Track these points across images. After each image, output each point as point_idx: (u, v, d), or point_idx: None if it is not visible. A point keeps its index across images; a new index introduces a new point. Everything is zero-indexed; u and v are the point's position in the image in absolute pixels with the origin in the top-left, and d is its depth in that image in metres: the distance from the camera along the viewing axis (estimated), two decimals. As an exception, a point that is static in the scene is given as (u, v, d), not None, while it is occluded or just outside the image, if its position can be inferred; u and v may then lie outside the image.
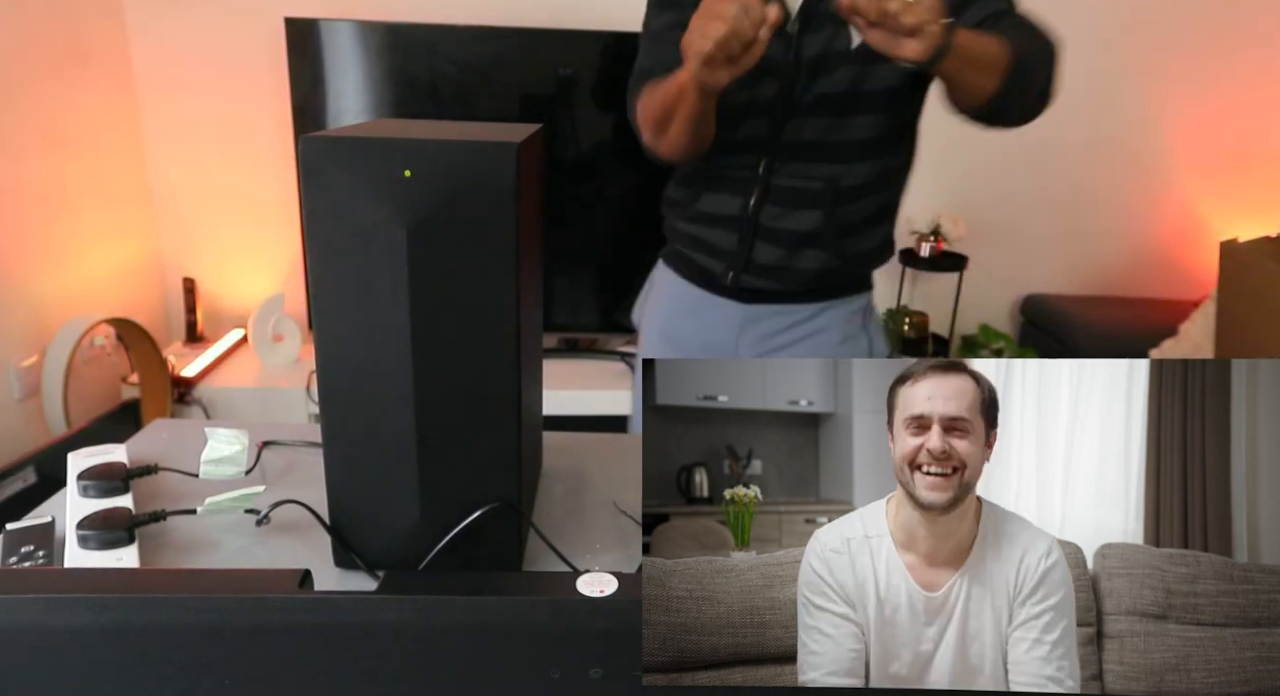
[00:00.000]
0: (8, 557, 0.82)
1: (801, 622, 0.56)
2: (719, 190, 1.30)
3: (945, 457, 0.55)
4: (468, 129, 0.80)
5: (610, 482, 1.06)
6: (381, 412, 0.77)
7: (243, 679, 0.46)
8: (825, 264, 1.30)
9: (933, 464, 0.55)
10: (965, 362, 0.57)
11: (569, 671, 0.47)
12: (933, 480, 0.55)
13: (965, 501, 0.57)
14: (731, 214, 1.29)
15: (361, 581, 0.82)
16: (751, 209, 1.27)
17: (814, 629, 0.56)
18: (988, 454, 0.57)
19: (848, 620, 0.55)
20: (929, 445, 0.55)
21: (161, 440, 1.11)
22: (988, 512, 0.58)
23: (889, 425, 0.57)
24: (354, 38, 2.40)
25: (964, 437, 0.55)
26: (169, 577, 0.56)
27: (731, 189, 1.29)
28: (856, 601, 0.55)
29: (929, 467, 0.55)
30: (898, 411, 0.56)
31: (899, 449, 0.56)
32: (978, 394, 0.55)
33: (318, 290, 0.74)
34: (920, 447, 0.55)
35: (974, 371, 0.57)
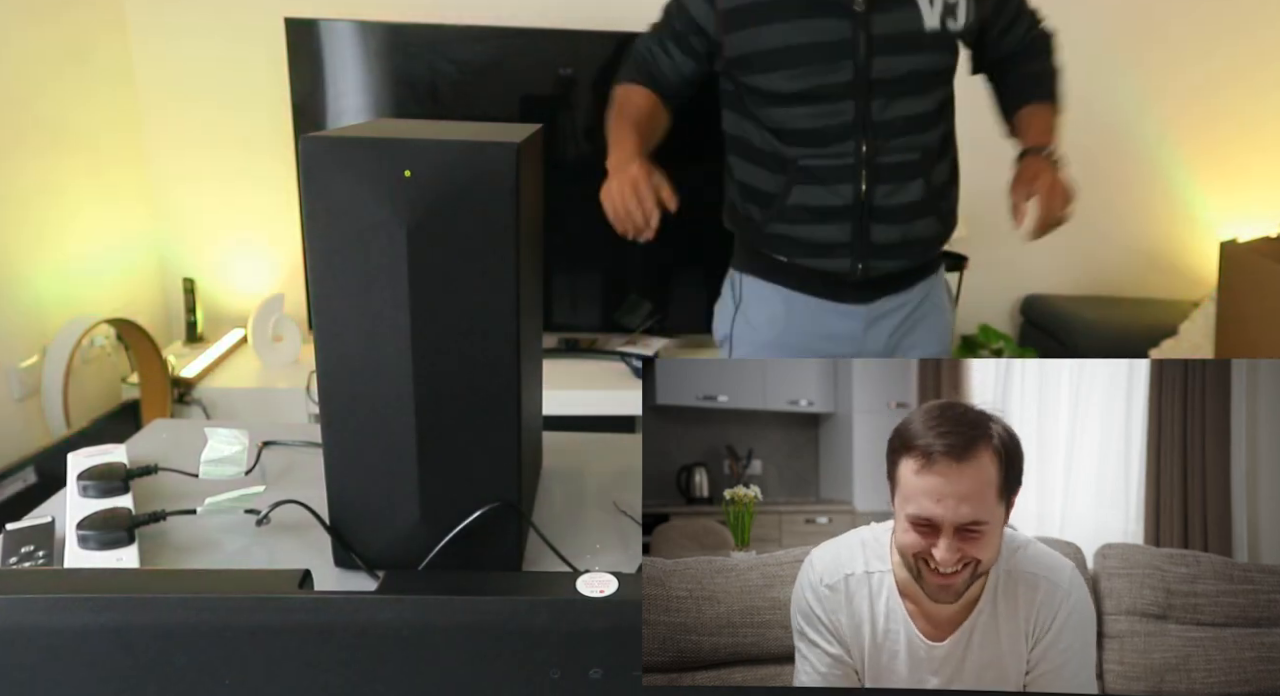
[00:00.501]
0: (8, 557, 0.82)
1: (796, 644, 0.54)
2: (816, 181, 1.28)
3: (956, 563, 0.47)
4: (468, 129, 0.80)
5: (610, 482, 1.06)
6: (381, 412, 0.77)
7: (243, 679, 0.46)
8: (937, 229, 1.35)
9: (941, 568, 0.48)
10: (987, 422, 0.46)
11: (569, 671, 0.47)
12: (943, 580, 0.48)
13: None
14: (841, 204, 1.28)
15: (361, 581, 0.82)
16: (864, 193, 1.27)
17: (806, 660, 0.52)
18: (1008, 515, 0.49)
19: (840, 662, 0.51)
20: (938, 556, 0.47)
21: (161, 440, 1.11)
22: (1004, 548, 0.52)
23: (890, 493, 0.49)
24: (354, 38, 2.40)
25: (977, 540, 0.46)
26: (169, 577, 0.56)
27: (833, 178, 1.27)
28: (851, 642, 0.51)
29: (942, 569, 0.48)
30: (898, 491, 0.48)
31: (900, 538, 0.48)
32: (998, 476, 0.46)
33: (318, 290, 0.74)
34: (928, 551, 0.47)
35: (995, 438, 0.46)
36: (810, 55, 1.21)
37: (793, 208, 1.30)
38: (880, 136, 1.25)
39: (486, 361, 0.76)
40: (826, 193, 1.27)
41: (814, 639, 0.53)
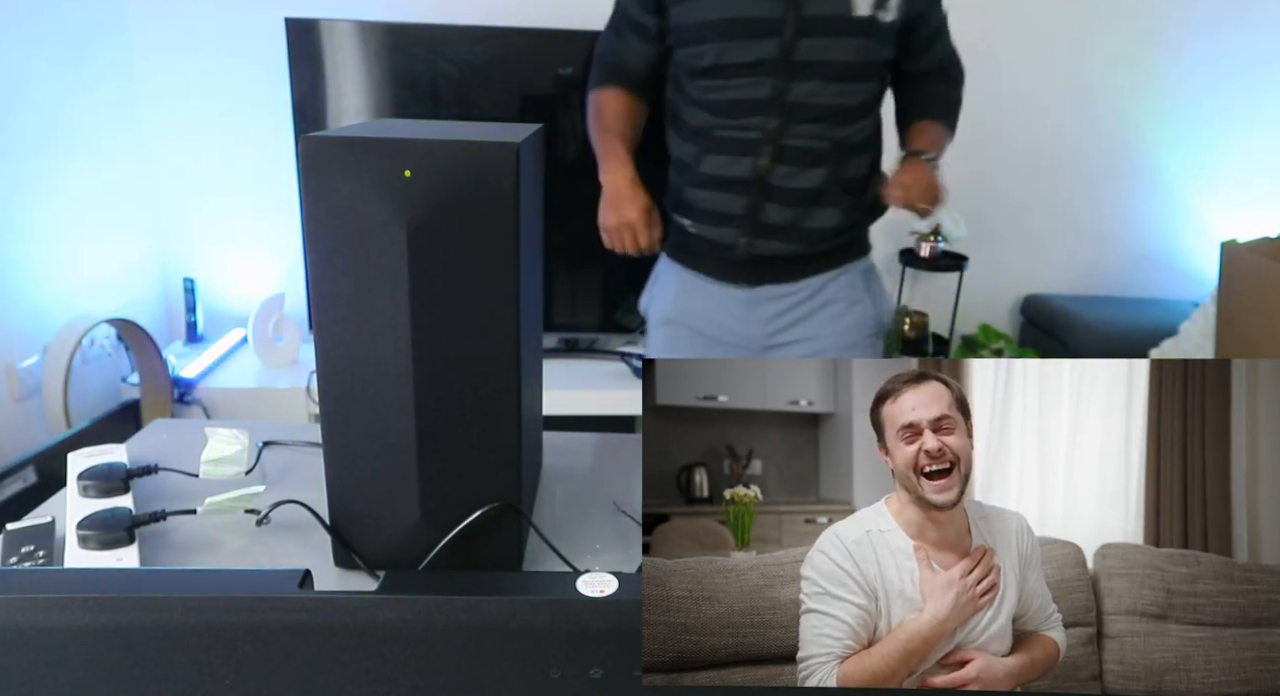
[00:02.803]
0: (8, 557, 0.82)
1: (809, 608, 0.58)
2: (724, 151, 1.31)
3: (942, 454, 0.59)
4: (468, 129, 0.80)
5: (610, 482, 1.06)
6: (381, 412, 0.77)
7: (243, 679, 0.46)
8: (833, 221, 1.34)
9: (933, 463, 0.58)
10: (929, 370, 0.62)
11: (569, 671, 0.47)
12: (939, 483, 0.58)
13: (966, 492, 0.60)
14: (740, 175, 1.31)
15: (361, 581, 0.82)
16: (761, 169, 1.30)
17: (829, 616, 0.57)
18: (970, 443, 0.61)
19: (865, 612, 0.57)
20: (926, 447, 0.59)
21: (161, 440, 1.11)
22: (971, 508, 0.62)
23: (880, 443, 0.61)
24: (354, 38, 2.40)
25: (951, 433, 0.59)
26: (169, 577, 0.56)
27: (738, 150, 1.30)
28: (880, 591, 0.58)
29: (930, 467, 0.58)
30: (887, 426, 0.60)
31: (899, 458, 0.60)
32: (949, 394, 0.60)
33: (318, 290, 0.74)
34: (919, 450, 0.59)
35: (939, 376, 0.62)
36: (739, 30, 1.24)
37: (700, 175, 1.34)
38: (792, 118, 1.27)
39: (486, 361, 0.76)
40: (729, 163, 1.31)
41: (840, 594, 0.58)
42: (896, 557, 0.59)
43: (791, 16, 1.22)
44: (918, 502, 0.59)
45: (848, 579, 0.58)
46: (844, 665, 0.56)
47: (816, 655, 0.56)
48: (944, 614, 0.57)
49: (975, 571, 0.59)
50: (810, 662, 0.56)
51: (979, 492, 0.61)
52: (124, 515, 0.86)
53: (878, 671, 0.56)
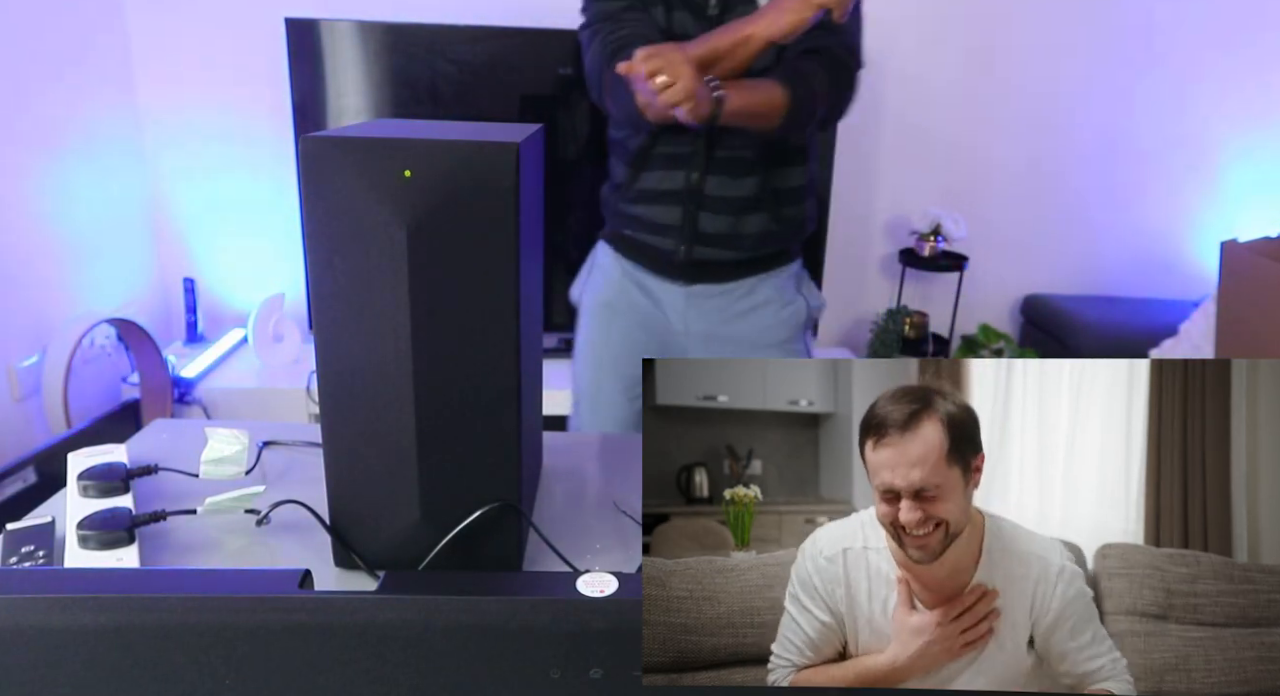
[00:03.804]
0: (8, 557, 0.82)
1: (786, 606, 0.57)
2: (659, 168, 1.38)
3: (922, 523, 0.53)
4: (468, 129, 0.80)
5: (610, 482, 1.06)
6: (381, 413, 0.77)
7: (243, 679, 0.46)
8: (766, 226, 1.41)
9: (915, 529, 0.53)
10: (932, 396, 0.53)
11: (569, 671, 0.47)
12: (918, 541, 0.53)
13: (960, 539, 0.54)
14: (675, 188, 1.38)
15: (361, 581, 0.82)
16: (695, 181, 1.36)
17: (795, 622, 0.56)
18: (976, 480, 0.54)
19: (829, 629, 0.55)
20: (903, 518, 0.53)
21: (161, 440, 1.11)
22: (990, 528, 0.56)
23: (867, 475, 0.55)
24: (354, 38, 2.40)
25: (935, 501, 0.52)
26: (169, 577, 0.56)
27: (672, 165, 1.37)
28: (846, 613, 0.54)
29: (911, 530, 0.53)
30: (869, 469, 0.55)
31: (877, 511, 0.55)
32: (943, 441, 0.52)
33: (318, 290, 0.74)
34: (895, 515, 0.53)
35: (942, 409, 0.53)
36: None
37: (636, 191, 1.41)
38: (722, 131, 1.30)
39: (486, 361, 0.76)
40: (664, 177, 1.38)
41: (807, 605, 0.55)
42: (874, 582, 0.54)
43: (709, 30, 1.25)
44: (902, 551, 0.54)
45: (815, 593, 0.55)
46: (798, 675, 0.53)
47: (780, 656, 0.55)
48: (903, 661, 0.52)
49: (962, 617, 0.52)
50: (775, 660, 0.56)
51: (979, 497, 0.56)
52: (124, 515, 0.86)
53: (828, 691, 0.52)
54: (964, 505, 0.53)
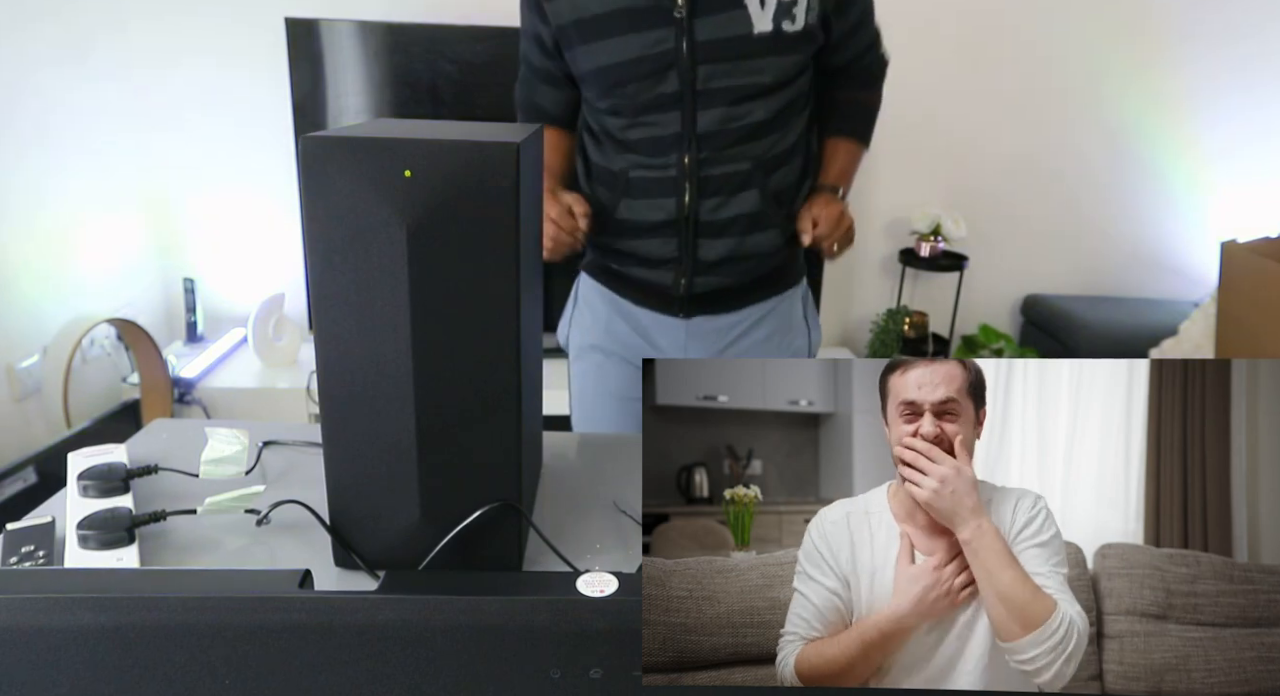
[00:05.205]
0: (8, 557, 0.82)
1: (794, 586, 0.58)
2: (643, 195, 1.24)
3: (938, 441, 0.56)
4: (468, 129, 0.80)
5: (610, 482, 1.06)
6: (381, 412, 0.77)
7: (243, 679, 0.46)
8: (777, 242, 1.28)
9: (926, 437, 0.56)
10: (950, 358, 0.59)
11: (569, 671, 0.47)
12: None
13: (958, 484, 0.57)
14: (665, 218, 1.24)
15: (361, 581, 0.82)
16: (688, 207, 1.22)
17: (803, 597, 0.57)
18: (979, 431, 0.58)
19: (835, 595, 0.56)
20: (922, 430, 0.56)
21: (161, 440, 1.11)
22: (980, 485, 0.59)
23: (883, 413, 0.58)
24: (354, 38, 2.40)
25: (954, 420, 0.56)
26: (169, 577, 0.56)
27: (657, 191, 1.23)
28: (851, 575, 0.56)
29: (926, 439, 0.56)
30: (890, 398, 0.58)
31: (894, 435, 0.57)
32: (964, 376, 0.57)
33: (318, 290, 0.74)
34: (915, 433, 0.56)
35: (960, 359, 0.59)
36: (636, 70, 1.16)
37: (622, 222, 1.27)
38: (707, 148, 1.19)
39: (486, 361, 0.76)
40: (651, 206, 1.24)
41: (813, 574, 0.56)
42: (876, 541, 0.57)
43: (685, 45, 1.14)
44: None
45: (820, 560, 0.57)
46: (804, 648, 0.54)
47: (788, 632, 0.56)
48: (905, 608, 0.54)
49: (954, 563, 0.54)
50: (784, 638, 0.56)
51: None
52: (124, 515, 0.86)
53: (833, 659, 0.53)
54: (969, 442, 0.57)
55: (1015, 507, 0.59)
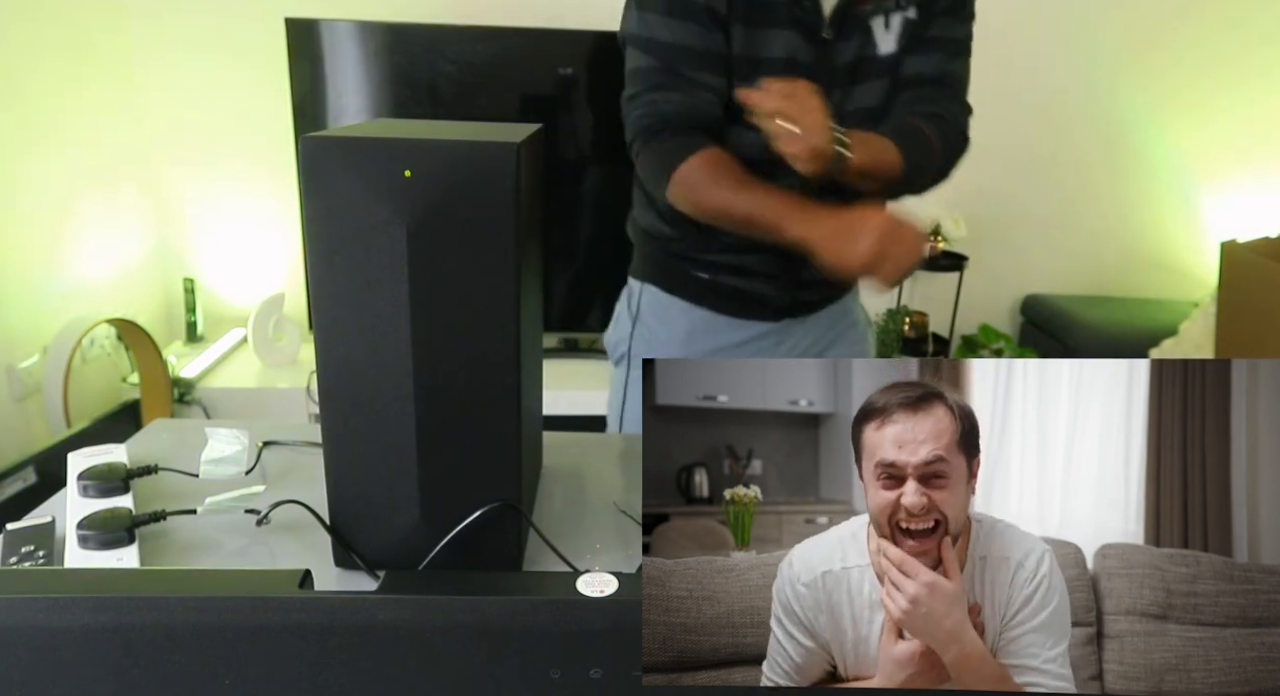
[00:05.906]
0: (8, 557, 0.82)
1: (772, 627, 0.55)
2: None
3: (925, 513, 0.48)
4: (468, 129, 0.80)
5: (610, 482, 1.06)
6: (381, 412, 0.77)
7: (243, 679, 0.46)
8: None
9: (912, 522, 0.48)
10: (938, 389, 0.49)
11: (569, 671, 0.47)
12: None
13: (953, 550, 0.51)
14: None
15: (361, 581, 0.82)
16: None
17: (781, 646, 0.54)
18: (973, 486, 0.50)
19: (813, 654, 0.53)
20: (905, 502, 0.48)
21: (161, 440, 1.11)
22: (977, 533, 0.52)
23: (858, 467, 0.50)
24: (354, 38, 2.40)
25: (943, 485, 0.48)
26: (169, 577, 0.56)
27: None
28: (831, 638, 0.52)
29: (909, 525, 0.49)
30: (865, 456, 0.49)
31: (873, 501, 0.49)
32: (955, 427, 0.48)
33: (318, 290, 0.74)
34: (896, 502, 0.49)
35: (949, 399, 0.49)
36: (785, 72, 1.08)
37: (725, 240, 1.20)
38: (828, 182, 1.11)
39: (486, 361, 0.76)
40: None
41: (791, 631, 0.53)
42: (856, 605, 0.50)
43: (827, 66, 1.12)
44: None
45: (797, 619, 0.53)
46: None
47: (769, 676, 0.54)
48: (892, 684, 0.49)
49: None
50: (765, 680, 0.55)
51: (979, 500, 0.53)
52: (124, 515, 0.86)
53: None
54: (964, 504, 0.49)
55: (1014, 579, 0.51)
